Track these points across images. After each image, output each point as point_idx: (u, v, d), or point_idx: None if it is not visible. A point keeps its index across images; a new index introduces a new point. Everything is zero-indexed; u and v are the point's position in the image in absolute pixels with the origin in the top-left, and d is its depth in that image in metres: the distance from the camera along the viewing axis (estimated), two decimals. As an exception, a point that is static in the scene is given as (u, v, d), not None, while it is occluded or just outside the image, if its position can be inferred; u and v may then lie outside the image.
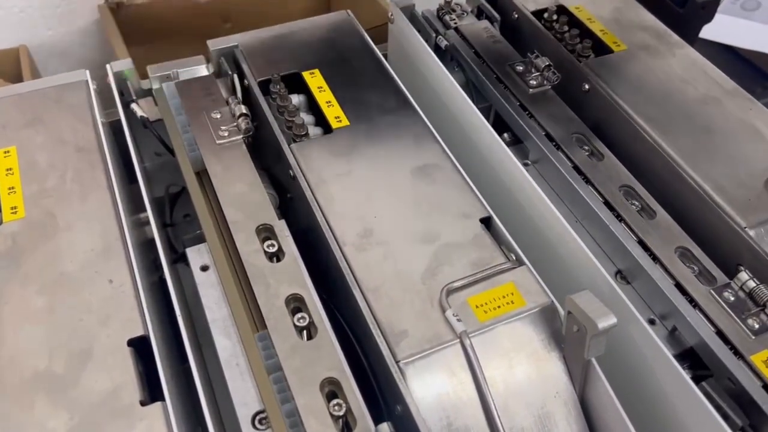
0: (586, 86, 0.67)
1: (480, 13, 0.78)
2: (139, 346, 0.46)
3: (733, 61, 1.24)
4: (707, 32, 0.96)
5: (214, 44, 0.69)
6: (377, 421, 0.44)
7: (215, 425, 0.44)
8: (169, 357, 0.49)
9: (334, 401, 0.44)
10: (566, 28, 0.74)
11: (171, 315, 0.50)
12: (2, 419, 0.42)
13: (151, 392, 0.45)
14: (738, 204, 0.56)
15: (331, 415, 0.43)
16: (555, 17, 0.75)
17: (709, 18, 0.87)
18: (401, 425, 0.44)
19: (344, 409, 0.44)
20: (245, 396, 0.47)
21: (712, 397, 0.48)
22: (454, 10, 0.77)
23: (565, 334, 0.47)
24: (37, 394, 0.43)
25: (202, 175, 0.59)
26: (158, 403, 0.43)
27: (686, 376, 0.47)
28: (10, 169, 0.56)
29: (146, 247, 0.58)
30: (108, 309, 0.48)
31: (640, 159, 0.62)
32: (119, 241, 0.52)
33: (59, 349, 0.45)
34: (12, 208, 0.53)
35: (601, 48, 0.72)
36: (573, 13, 0.75)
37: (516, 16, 0.76)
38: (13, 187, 0.55)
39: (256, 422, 0.46)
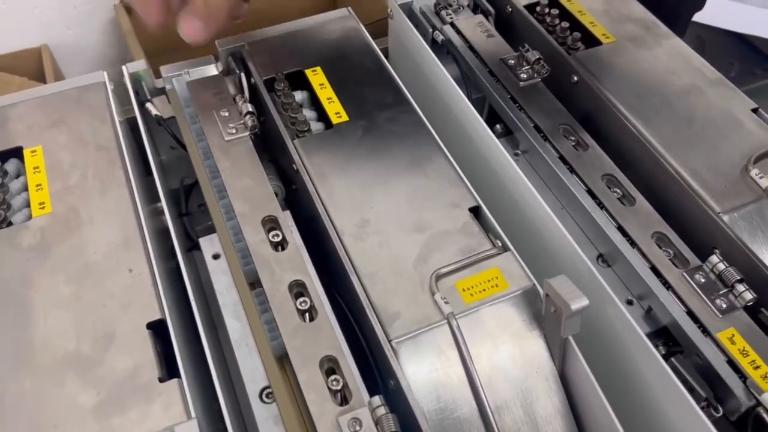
0: (575, 78, 0.71)
1: (476, 7, 0.81)
2: (157, 329, 0.51)
3: (734, 42, 1.25)
4: (702, 17, 0.98)
5: (223, 44, 0.73)
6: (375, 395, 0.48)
7: (226, 399, 0.49)
8: (184, 338, 0.53)
9: (333, 377, 0.49)
10: (557, 21, 0.77)
11: (186, 300, 0.55)
12: (38, 395, 0.48)
13: (169, 370, 0.50)
14: (714, 191, 0.59)
15: (330, 389, 0.48)
16: (547, 10, 0.78)
17: (700, 5, 0.89)
18: (395, 398, 0.49)
19: (341, 384, 0.48)
20: (253, 373, 0.53)
21: (680, 372, 0.51)
22: (450, 5, 0.79)
23: (544, 314, 0.51)
24: (67, 372, 0.48)
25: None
26: (175, 380, 0.48)
27: (656, 353, 0.51)
28: (37, 167, 0.61)
29: (163, 237, 0.63)
30: (128, 295, 0.52)
31: (624, 148, 0.66)
32: (137, 233, 0.56)
33: (85, 333, 0.50)
34: (40, 204, 0.58)
35: (590, 40, 0.74)
36: (564, 6, 0.78)
37: (509, 9, 0.79)
38: (40, 185, 0.60)
39: (263, 396, 0.51)
